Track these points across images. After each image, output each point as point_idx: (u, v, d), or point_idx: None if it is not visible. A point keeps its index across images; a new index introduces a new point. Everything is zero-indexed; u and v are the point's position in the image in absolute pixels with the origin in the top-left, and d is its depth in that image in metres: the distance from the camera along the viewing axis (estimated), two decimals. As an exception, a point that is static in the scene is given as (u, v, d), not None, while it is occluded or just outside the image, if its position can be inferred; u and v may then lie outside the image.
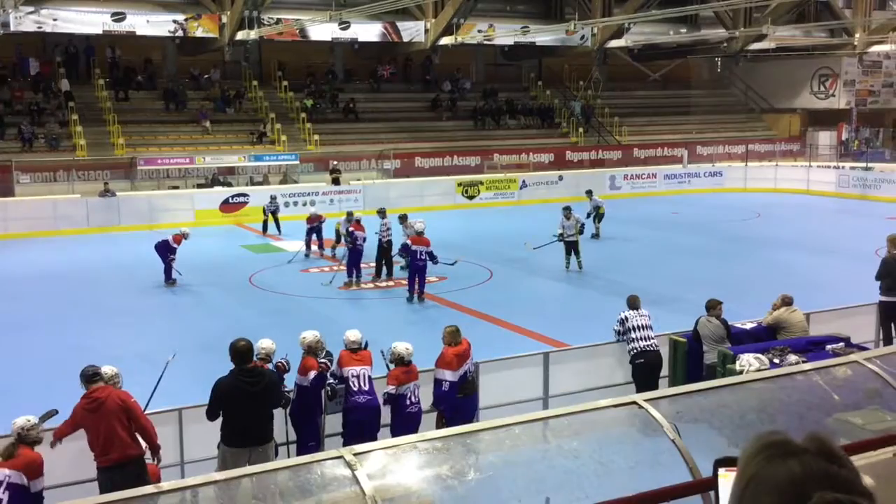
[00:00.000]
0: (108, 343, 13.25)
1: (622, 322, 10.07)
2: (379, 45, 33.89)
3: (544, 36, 34.25)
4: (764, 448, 1.50)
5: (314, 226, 20.95)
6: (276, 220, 24.30)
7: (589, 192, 24.32)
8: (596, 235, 23.45)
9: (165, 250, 17.65)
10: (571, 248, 19.03)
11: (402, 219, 18.66)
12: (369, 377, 8.18)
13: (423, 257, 15.79)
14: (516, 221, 27.11)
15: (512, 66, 39.55)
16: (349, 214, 19.11)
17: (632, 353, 9.88)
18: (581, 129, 36.76)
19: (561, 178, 32.88)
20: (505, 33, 33.78)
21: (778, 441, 1.50)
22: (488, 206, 30.51)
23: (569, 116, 37.53)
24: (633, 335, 9.91)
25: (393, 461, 4.35)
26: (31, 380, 11.37)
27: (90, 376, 6.93)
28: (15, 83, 30.08)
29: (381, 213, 18.67)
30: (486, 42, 34.00)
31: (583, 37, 34.77)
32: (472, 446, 4.69)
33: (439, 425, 8.44)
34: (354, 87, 36.04)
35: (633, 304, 10.24)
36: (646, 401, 5.13)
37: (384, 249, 17.98)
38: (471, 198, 31.04)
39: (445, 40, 32.61)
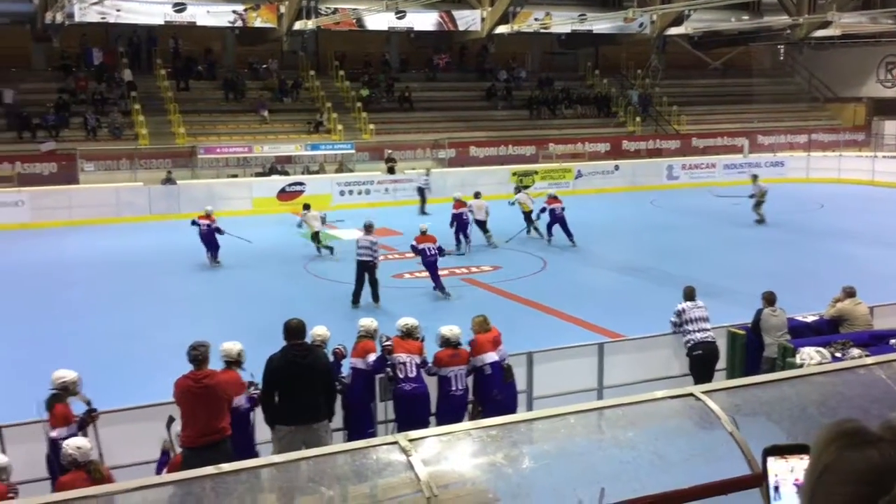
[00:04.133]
0: (166, 328, 13.56)
1: (679, 314, 9.94)
2: (435, 34, 33.88)
3: (602, 24, 33.85)
4: (839, 436, 1.44)
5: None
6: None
7: (754, 177, 23.87)
8: (760, 221, 22.89)
9: (214, 233, 18.53)
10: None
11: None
12: (417, 365, 8.23)
13: (434, 253, 15.87)
14: (571, 211, 26.90)
15: (568, 54, 39.18)
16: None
17: (688, 344, 9.76)
18: (638, 118, 36.30)
19: (617, 167, 32.54)
20: (562, 21, 33.45)
21: (853, 429, 1.44)
22: (543, 196, 30.29)
23: (626, 105, 37.08)
24: (689, 327, 9.78)
25: (447, 448, 4.37)
26: (92, 362, 11.69)
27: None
28: (79, 73, 30.83)
29: (368, 228, 15.89)
30: (542, 30, 33.72)
31: (641, 24, 34.28)
32: (526, 435, 4.69)
33: (475, 416, 8.47)
34: (410, 76, 36.12)
35: (690, 295, 10.11)
36: (703, 393, 5.07)
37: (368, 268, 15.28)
38: (525, 187, 30.86)
39: (501, 29, 32.45)
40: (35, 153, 27.24)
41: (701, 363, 9.66)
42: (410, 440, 4.13)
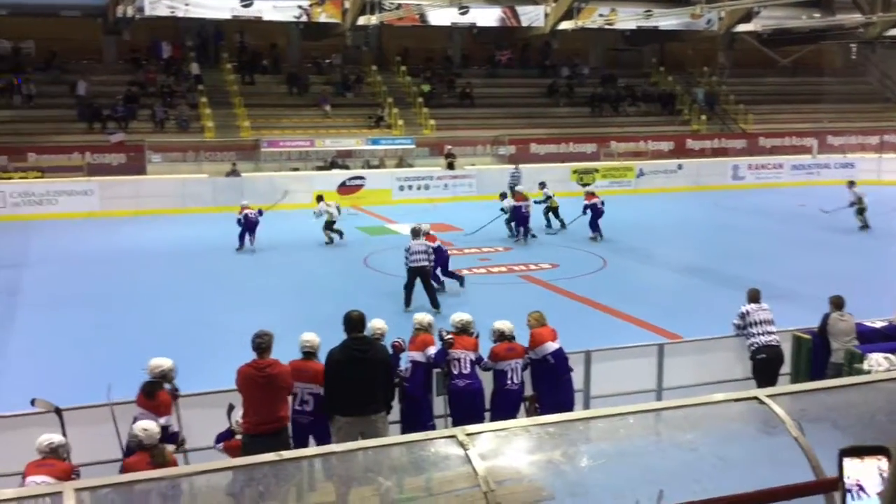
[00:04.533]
0: (230, 316, 13.80)
1: (743, 316, 9.75)
2: (497, 29, 33.81)
3: (668, 20, 33.36)
4: None
5: None
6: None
7: (850, 183, 23.31)
8: (864, 227, 22.22)
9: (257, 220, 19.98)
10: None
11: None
12: (471, 361, 8.22)
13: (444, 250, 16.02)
14: (632, 210, 26.63)
15: (632, 51, 38.71)
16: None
17: (752, 348, 9.56)
18: (703, 117, 35.67)
19: (680, 166, 32.07)
20: (627, 17, 33.06)
21: None
22: (603, 195, 29.94)
23: (691, 103, 36.48)
24: (753, 330, 9.59)
25: (505, 443, 4.35)
26: (158, 348, 11.95)
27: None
28: (149, 66, 31.55)
29: (417, 233, 15.11)
30: (606, 26, 33.39)
31: (709, 21, 33.72)
32: (585, 433, 4.64)
33: (531, 412, 8.43)
34: (471, 72, 36.09)
35: (754, 297, 9.90)
36: (768, 396, 4.96)
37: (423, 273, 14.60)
38: (585, 185, 30.61)
39: (565, 25, 32.22)
40: (104, 144, 27.97)
41: (765, 367, 9.45)
42: (468, 434, 4.13)
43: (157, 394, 7.15)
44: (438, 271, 15.80)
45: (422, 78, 34.21)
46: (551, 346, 8.44)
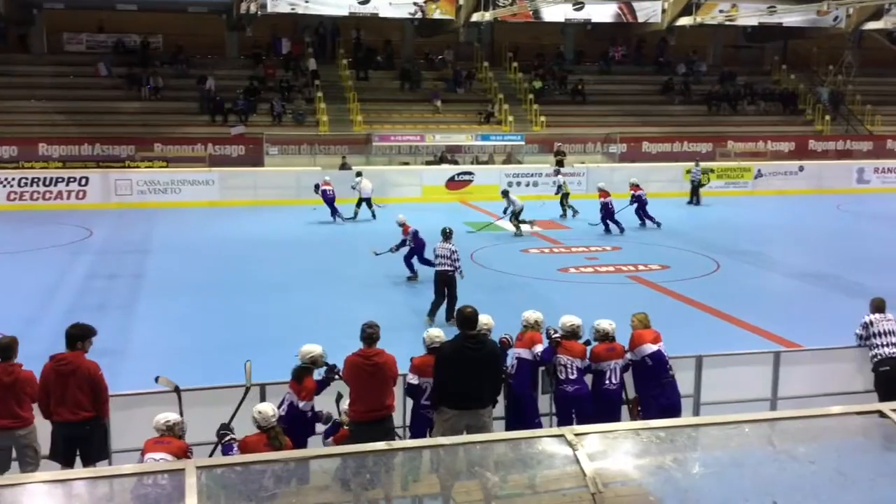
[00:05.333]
0: (335, 307, 14.12)
1: (866, 326, 9.30)
2: (612, 25, 33.28)
3: (793, 16, 32.03)
4: None
5: None
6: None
7: None
8: None
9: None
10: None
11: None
12: (578, 368, 8.12)
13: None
14: (748, 212, 25.80)
15: (753, 48, 37.46)
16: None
17: (875, 359, 9.11)
18: (827, 117, 34.19)
19: (801, 168, 30.83)
20: (749, 13, 31.92)
21: None
22: (718, 196, 29.19)
23: (814, 103, 35.00)
24: (877, 341, 9.13)
25: (613, 445, 4.30)
26: (273, 333, 12.34)
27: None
28: (269, 61, 32.58)
29: (447, 235, 14.26)
30: (727, 23, 32.37)
31: (836, 17, 32.26)
32: (696, 440, 4.54)
33: (634, 415, 8.27)
34: (584, 68, 35.69)
35: (879, 307, 9.43)
36: (893, 410, 4.73)
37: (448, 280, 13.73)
38: (700, 186, 29.85)
39: (683, 21, 31.38)
40: (225, 136, 29.06)
41: (888, 380, 8.99)
42: (576, 434, 4.10)
43: (305, 379, 7.40)
44: (414, 259, 16.23)
45: (533, 74, 34.05)
46: (650, 347, 8.27)
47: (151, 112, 29.77)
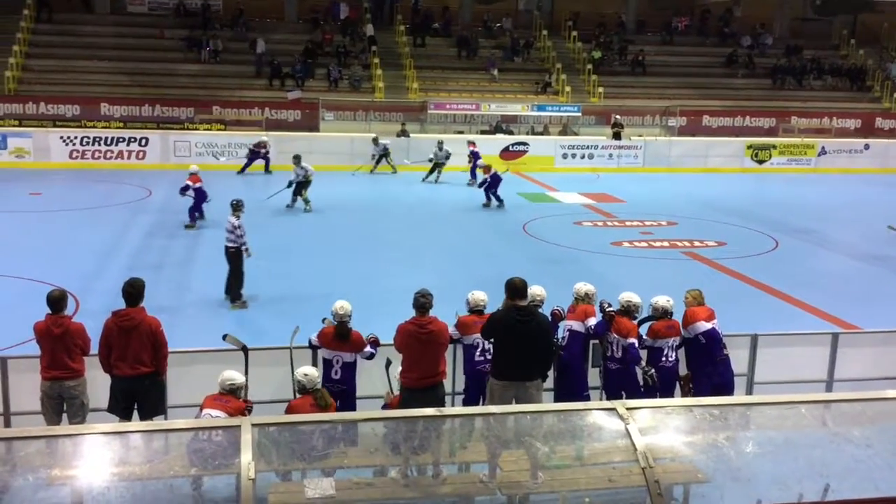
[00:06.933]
0: (386, 273, 14.20)
1: (929, 310, 9.05)
2: (676, -5, 32.56)
3: (864, -12, 30.98)
4: None
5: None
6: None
7: None
8: None
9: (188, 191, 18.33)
10: None
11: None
12: (623, 347, 8.00)
13: None
14: (810, 190, 25.20)
15: (822, 21, 36.27)
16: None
17: (936, 344, 8.87)
18: (896, 94, 33.10)
19: (867, 146, 29.95)
20: (818, -15, 30.99)
21: None
22: (779, 172, 28.57)
23: (883, 80, 33.86)
24: (940, 326, 8.88)
25: (666, 421, 4.26)
26: (319, 296, 12.45)
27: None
28: (326, 26, 32.60)
29: (234, 207, 12.88)
30: (794, -6, 31.44)
31: (910, -10, 31.09)
32: (750, 418, 4.47)
33: (685, 392, 8.18)
34: (645, 39, 35.01)
35: (945, 291, 9.16)
36: (955, 397, 4.60)
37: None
38: (760, 162, 29.23)
39: (750, -8, 30.59)
40: (282, 101, 29.22)
41: (950, 367, 8.75)
42: (628, 409, 4.07)
43: (350, 334, 7.51)
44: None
45: (593, 44, 33.51)
46: (703, 325, 8.14)
47: (210, 75, 30.06)
